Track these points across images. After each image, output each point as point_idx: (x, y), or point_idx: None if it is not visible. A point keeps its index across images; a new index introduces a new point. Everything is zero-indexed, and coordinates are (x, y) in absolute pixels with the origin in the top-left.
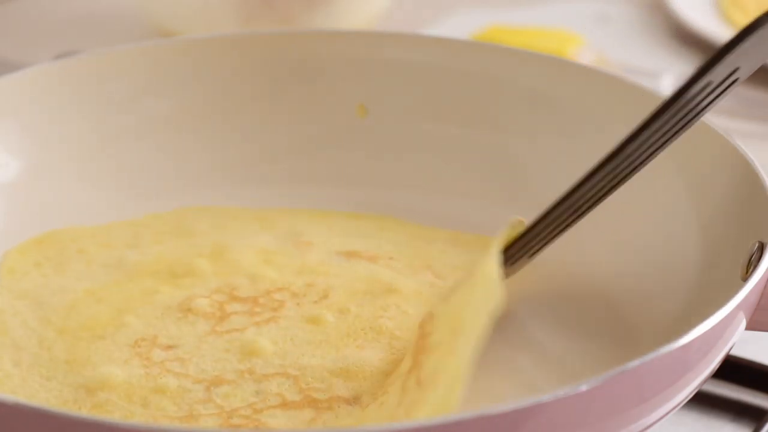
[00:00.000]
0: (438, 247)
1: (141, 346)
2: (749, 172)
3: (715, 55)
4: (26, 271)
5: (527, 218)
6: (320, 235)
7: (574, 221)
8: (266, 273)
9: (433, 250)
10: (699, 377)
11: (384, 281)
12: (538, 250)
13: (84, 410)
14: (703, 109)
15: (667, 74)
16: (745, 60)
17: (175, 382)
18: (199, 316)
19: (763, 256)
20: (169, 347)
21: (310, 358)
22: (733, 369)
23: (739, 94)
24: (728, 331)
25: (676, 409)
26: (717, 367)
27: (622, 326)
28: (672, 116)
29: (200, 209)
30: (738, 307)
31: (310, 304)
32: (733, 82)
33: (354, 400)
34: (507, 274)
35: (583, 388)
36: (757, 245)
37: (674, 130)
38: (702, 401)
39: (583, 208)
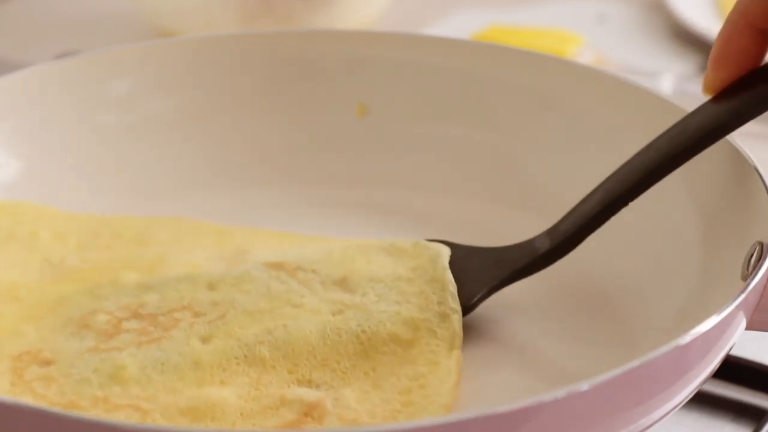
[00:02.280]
0: (366, 257)
1: (22, 361)
2: (749, 172)
3: None
4: None
5: (528, 215)
6: (262, 249)
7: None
8: (181, 289)
9: (360, 260)
10: (699, 377)
11: (284, 298)
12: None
13: None
14: None
15: (666, 74)
16: None
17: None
18: (92, 331)
19: (763, 256)
20: (47, 363)
21: (168, 394)
22: (733, 369)
23: None
24: (728, 331)
25: (676, 409)
26: (717, 367)
27: (622, 326)
28: None
29: (168, 219)
30: (738, 307)
31: (203, 324)
32: None
33: None
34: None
35: (583, 388)
36: (757, 245)
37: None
38: (702, 401)
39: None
